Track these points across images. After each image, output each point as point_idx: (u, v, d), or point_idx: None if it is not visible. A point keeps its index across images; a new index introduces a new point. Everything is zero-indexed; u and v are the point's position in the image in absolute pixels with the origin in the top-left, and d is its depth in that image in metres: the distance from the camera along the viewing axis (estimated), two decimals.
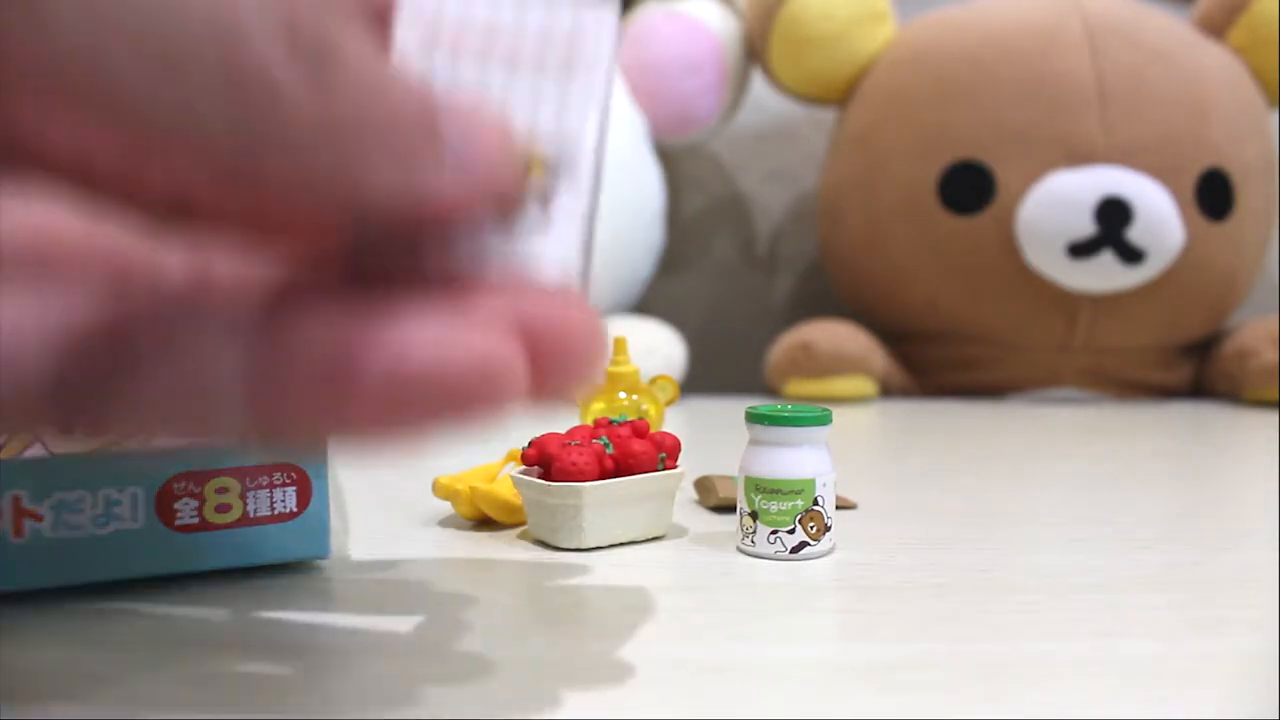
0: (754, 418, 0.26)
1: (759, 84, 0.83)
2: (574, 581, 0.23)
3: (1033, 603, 0.23)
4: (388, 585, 0.23)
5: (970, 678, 0.18)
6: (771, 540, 0.25)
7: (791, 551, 0.25)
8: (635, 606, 0.22)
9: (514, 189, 0.15)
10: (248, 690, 0.17)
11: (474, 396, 0.14)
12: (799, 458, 0.25)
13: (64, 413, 0.15)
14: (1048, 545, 0.28)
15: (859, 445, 0.51)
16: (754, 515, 0.26)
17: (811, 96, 0.81)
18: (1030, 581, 0.24)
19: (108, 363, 0.15)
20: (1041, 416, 0.64)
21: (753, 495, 0.26)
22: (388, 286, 0.15)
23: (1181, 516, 0.33)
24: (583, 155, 0.17)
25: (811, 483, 0.25)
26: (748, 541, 0.26)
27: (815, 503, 0.25)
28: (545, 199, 0.16)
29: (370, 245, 0.15)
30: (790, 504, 0.25)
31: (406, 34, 0.17)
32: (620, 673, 0.18)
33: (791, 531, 0.25)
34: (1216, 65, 0.74)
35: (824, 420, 0.26)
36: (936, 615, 0.22)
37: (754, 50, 0.79)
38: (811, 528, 0.26)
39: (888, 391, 0.75)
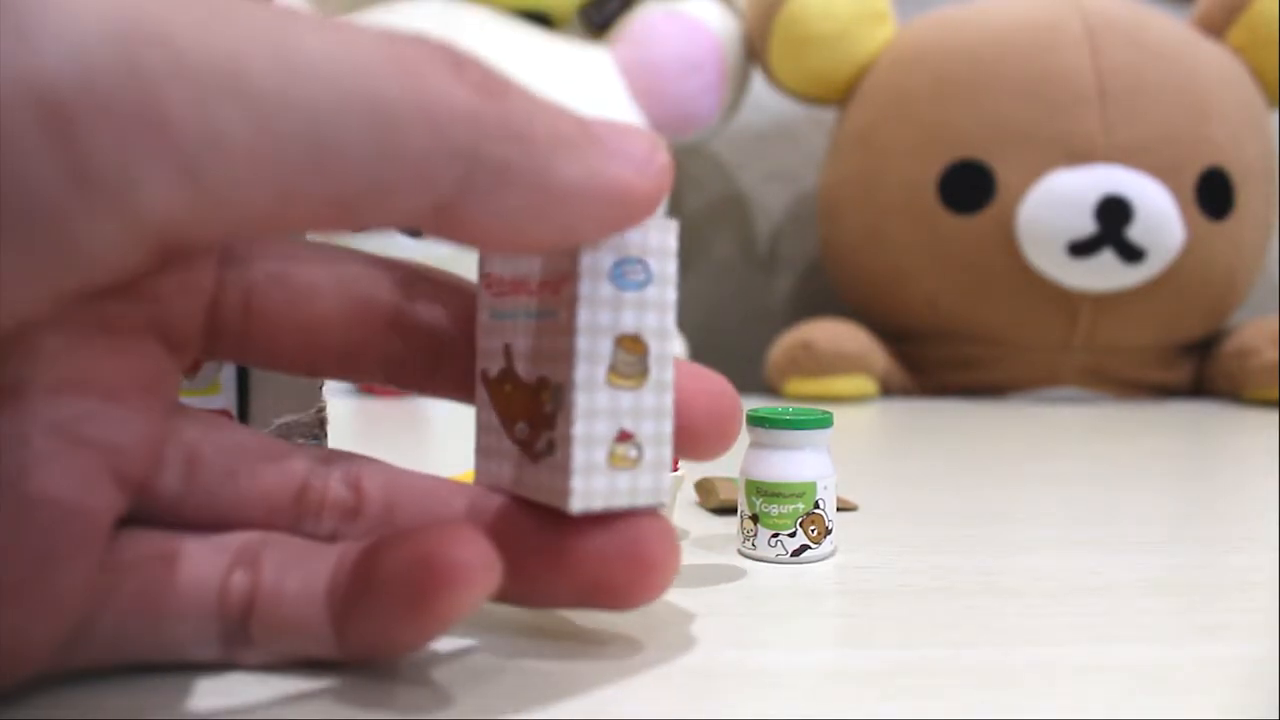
0: (755, 420, 0.26)
1: (759, 84, 0.83)
2: None
3: (1034, 606, 0.23)
4: None
5: (971, 683, 0.18)
6: (772, 543, 0.25)
7: (793, 554, 0.25)
8: (631, 611, 0.22)
9: (668, 181, 0.17)
10: (244, 693, 0.17)
11: None
12: (800, 461, 0.25)
13: None
14: (1049, 547, 0.28)
15: (859, 445, 0.51)
16: (755, 518, 0.26)
17: (811, 96, 0.81)
18: (1032, 584, 0.24)
19: None
20: (1041, 416, 0.64)
21: (753, 498, 0.26)
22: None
23: (1182, 517, 0.33)
24: (669, 353, 0.18)
25: (813, 486, 0.25)
26: (748, 544, 0.26)
27: (816, 505, 0.25)
28: (645, 372, 0.18)
29: None
30: (791, 507, 0.25)
31: None
32: (618, 676, 0.18)
33: (792, 534, 0.25)
34: (1216, 65, 0.74)
35: (825, 423, 0.26)
36: (938, 619, 0.22)
37: (754, 50, 0.79)
38: (812, 530, 0.26)
39: (888, 391, 0.75)
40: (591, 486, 0.17)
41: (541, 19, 0.76)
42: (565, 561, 0.18)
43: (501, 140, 0.14)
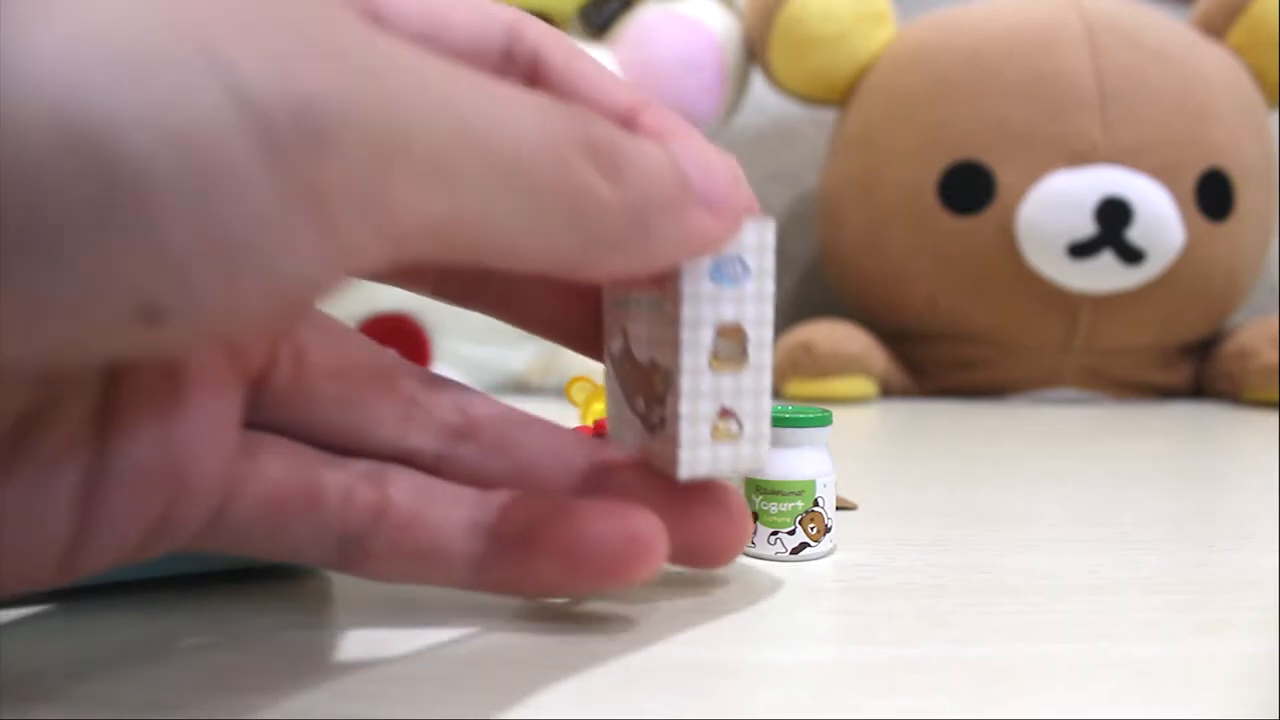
0: None
1: (759, 84, 0.83)
2: None
3: (1033, 604, 0.23)
4: (388, 586, 0.23)
5: (970, 680, 0.18)
6: (772, 541, 0.25)
7: (792, 552, 0.25)
8: (632, 608, 0.22)
9: (749, 205, 0.19)
10: (247, 692, 0.17)
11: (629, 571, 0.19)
12: (799, 459, 0.25)
13: None
14: (1048, 546, 0.28)
15: (859, 445, 0.51)
16: (754, 516, 0.26)
17: (812, 97, 0.81)
18: (1030, 583, 0.24)
19: None
20: (1041, 416, 0.64)
21: (753, 496, 0.26)
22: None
23: (1182, 517, 0.33)
24: (768, 339, 0.20)
25: (812, 484, 0.25)
26: (748, 542, 0.26)
27: (815, 504, 0.25)
28: (745, 356, 0.20)
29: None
30: (791, 505, 0.25)
31: None
32: (617, 673, 0.18)
33: (792, 532, 0.25)
34: (1216, 65, 0.74)
35: (824, 421, 0.26)
36: (936, 617, 0.22)
37: (754, 50, 0.79)
38: (812, 529, 0.26)
39: (888, 391, 0.75)
40: (697, 457, 0.20)
41: (541, 19, 0.76)
42: (673, 522, 0.20)
43: (621, 224, 0.16)
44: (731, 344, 0.20)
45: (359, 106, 0.12)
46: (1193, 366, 0.78)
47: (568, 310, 0.22)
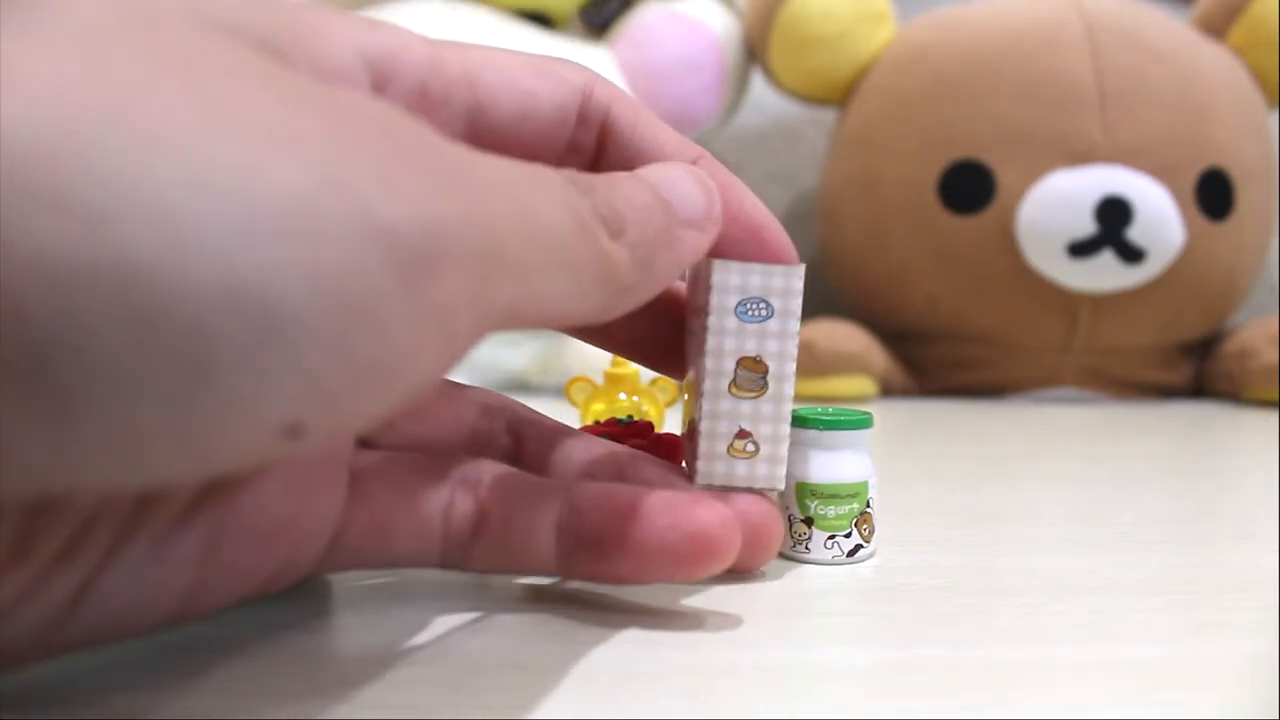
0: (808, 422, 0.25)
1: (759, 84, 0.83)
2: (575, 586, 0.23)
3: (1033, 605, 0.23)
4: (388, 587, 0.23)
5: (970, 681, 0.18)
6: (829, 545, 0.25)
7: (848, 555, 0.25)
8: (630, 610, 0.22)
9: (716, 213, 0.21)
10: (247, 694, 0.17)
11: (718, 557, 0.20)
12: (851, 461, 0.25)
13: None
14: (1048, 546, 0.28)
15: None
16: (808, 521, 0.25)
17: (812, 96, 0.81)
18: (1030, 583, 0.24)
19: None
20: (1041, 416, 0.64)
21: (808, 501, 0.25)
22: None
23: (1182, 517, 0.33)
24: (789, 372, 0.22)
25: (865, 485, 0.25)
26: (801, 548, 0.26)
27: (868, 505, 0.26)
28: (764, 386, 0.22)
29: None
30: (848, 508, 0.25)
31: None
32: (615, 676, 0.18)
33: (848, 535, 0.25)
34: (1216, 65, 0.74)
35: (869, 423, 0.26)
36: (936, 618, 0.22)
37: (754, 50, 0.79)
38: (865, 529, 0.26)
39: (888, 391, 0.75)
40: (713, 468, 0.22)
41: (541, 19, 0.76)
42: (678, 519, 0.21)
43: (633, 272, 0.18)
44: (752, 374, 0.22)
45: (472, 228, 0.14)
46: (1193, 366, 0.78)
47: (651, 330, 0.25)
